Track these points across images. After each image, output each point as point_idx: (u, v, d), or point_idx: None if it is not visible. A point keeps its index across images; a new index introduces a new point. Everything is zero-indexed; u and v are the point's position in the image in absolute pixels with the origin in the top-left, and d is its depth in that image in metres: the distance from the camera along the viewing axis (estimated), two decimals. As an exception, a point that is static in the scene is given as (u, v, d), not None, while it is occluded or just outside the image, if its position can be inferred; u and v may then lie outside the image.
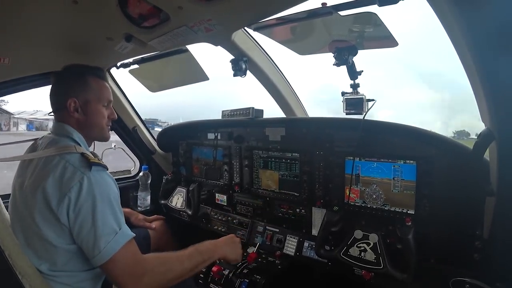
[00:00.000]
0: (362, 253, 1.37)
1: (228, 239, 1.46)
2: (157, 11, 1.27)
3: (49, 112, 1.30)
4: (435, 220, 1.30)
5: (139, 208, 2.36)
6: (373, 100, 1.41)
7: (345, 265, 1.40)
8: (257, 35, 1.63)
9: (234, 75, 1.68)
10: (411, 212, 1.35)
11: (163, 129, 2.55)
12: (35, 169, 1.11)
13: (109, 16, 1.32)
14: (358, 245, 1.39)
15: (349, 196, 1.49)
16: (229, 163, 2.06)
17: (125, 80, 2.20)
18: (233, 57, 1.66)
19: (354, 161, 1.46)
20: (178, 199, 2.28)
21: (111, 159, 2.38)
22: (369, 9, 1.13)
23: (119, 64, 1.99)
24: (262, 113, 1.88)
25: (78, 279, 1.13)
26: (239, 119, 1.91)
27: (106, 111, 1.30)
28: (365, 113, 1.40)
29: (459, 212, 1.24)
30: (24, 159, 1.24)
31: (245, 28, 1.54)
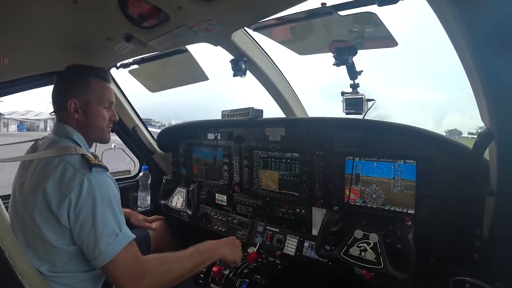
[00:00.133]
0: (362, 252, 1.37)
1: (228, 240, 1.45)
2: (157, 11, 1.27)
3: (50, 112, 1.29)
4: (435, 219, 1.30)
5: (139, 208, 2.35)
6: (372, 100, 1.42)
7: (346, 264, 1.40)
8: (256, 35, 1.64)
9: (234, 75, 1.68)
10: (411, 211, 1.35)
11: (163, 129, 2.54)
12: (35, 170, 1.11)
13: (109, 16, 1.32)
14: (358, 245, 1.39)
15: (349, 196, 1.49)
16: (229, 163, 2.06)
17: (119, 80, 2.21)
18: (233, 57, 1.65)
19: (354, 161, 1.46)
20: (178, 199, 2.28)
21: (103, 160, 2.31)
22: (368, 9, 1.13)
23: (119, 64, 1.99)
24: (262, 113, 1.88)
25: (78, 279, 1.13)
26: (239, 119, 1.91)
27: (107, 113, 1.30)
28: (364, 113, 1.41)
29: (459, 211, 1.24)
30: (24, 159, 1.23)
31: (245, 28, 1.54)
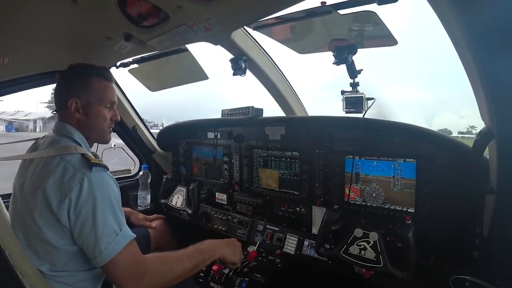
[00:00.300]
0: (362, 251, 1.37)
1: (229, 241, 1.45)
2: (157, 10, 1.27)
3: (52, 110, 1.30)
4: (435, 218, 1.30)
5: (139, 207, 2.36)
6: (372, 98, 1.41)
7: (345, 263, 1.40)
8: (256, 34, 1.63)
9: (233, 74, 1.67)
10: (411, 210, 1.35)
11: (163, 128, 2.54)
12: (36, 170, 1.11)
13: (108, 15, 1.32)
14: (358, 244, 1.39)
15: (349, 194, 1.49)
16: (229, 162, 2.06)
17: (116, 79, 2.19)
18: (233, 56, 1.65)
19: (354, 159, 1.46)
20: (178, 198, 2.28)
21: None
22: (368, 7, 1.13)
23: (118, 63, 1.98)
24: (262, 112, 1.88)
25: (78, 278, 1.13)
26: (239, 118, 1.91)
27: (108, 113, 1.29)
28: (364, 112, 1.40)
29: (459, 210, 1.24)
30: (24, 158, 1.23)
31: (245, 27, 1.53)
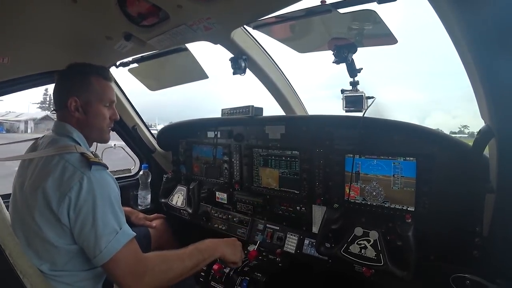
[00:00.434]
0: (362, 250, 1.37)
1: (229, 241, 1.45)
2: (157, 10, 1.27)
3: (52, 110, 1.30)
4: (435, 217, 1.30)
5: (140, 207, 2.36)
6: (372, 97, 1.41)
7: (346, 262, 1.40)
8: (256, 33, 1.63)
9: (233, 73, 1.67)
10: (411, 209, 1.35)
11: (163, 128, 2.54)
12: (35, 169, 1.11)
13: (108, 15, 1.32)
14: (358, 242, 1.39)
15: (349, 193, 1.49)
16: (229, 161, 2.06)
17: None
18: (233, 56, 1.65)
19: (354, 158, 1.46)
20: (178, 198, 2.28)
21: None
22: (368, 6, 1.13)
23: (118, 63, 1.98)
24: (261, 111, 1.88)
25: (78, 278, 1.13)
26: (238, 117, 1.90)
27: (107, 112, 1.29)
28: (364, 111, 1.40)
29: (459, 209, 1.24)
30: (24, 158, 1.23)
31: (244, 26, 1.53)
